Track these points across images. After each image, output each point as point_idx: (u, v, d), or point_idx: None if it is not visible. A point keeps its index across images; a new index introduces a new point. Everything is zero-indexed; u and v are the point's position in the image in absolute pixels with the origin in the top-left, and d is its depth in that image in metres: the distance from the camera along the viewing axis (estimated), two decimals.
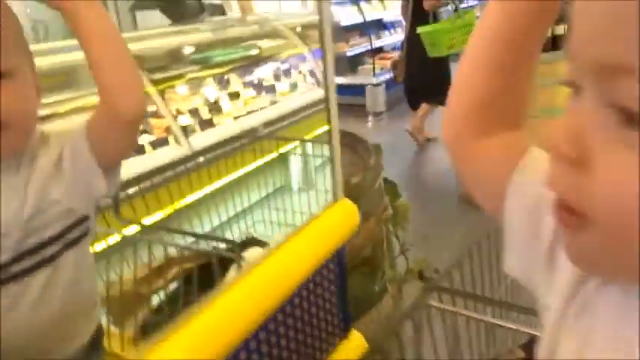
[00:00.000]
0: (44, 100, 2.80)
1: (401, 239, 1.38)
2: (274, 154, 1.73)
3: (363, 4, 6.35)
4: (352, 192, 1.39)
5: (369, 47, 6.26)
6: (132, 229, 1.35)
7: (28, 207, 0.65)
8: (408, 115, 6.18)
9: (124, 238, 1.24)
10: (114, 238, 1.26)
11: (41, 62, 2.73)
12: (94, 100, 2.62)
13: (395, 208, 1.47)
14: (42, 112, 2.70)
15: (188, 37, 3.43)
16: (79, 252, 0.72)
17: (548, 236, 0.42)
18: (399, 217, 1.45)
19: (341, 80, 5.94)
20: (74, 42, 2.65)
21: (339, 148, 0.82)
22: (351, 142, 1.66)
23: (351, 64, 6.15)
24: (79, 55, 2.58)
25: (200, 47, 3.61)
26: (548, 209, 0.37)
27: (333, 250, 0.79)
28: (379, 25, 7.11)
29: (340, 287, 0.84)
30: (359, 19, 6.19)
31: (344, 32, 6.13)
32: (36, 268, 0.67)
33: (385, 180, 1.55)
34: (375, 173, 1.42)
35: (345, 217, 0.85)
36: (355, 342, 0.79)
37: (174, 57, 3.58)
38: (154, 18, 4.09)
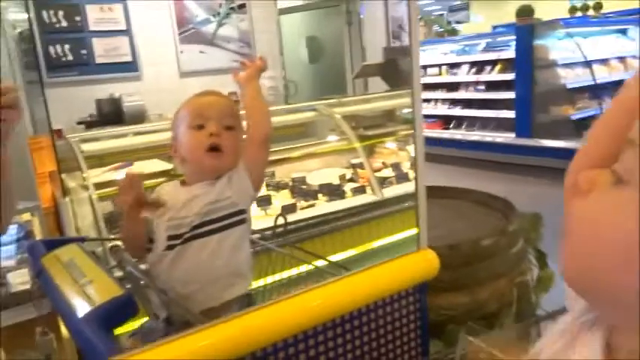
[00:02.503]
0: (288, 146, 3.59)
1: (537, 308, 1.47)
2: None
3: (596, 66, 5.95)
4: (480, 251, 1.54)
5: (599, 111, 5.80)
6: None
7: (213, 196, 1.16)
8: None
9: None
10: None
11: (287, 118, 3.50)
12: (324, 147, 3.26)
13: (540, 277, 1.56)
14: (280, 156, 3.46)
15: (402, 100, 3.88)
16: (238, 231, 1.18)
17: None
18: (541, 286, 1.53)
19: (561, 144, 5.65)
20: (315, 102, 3.35)
21: (425, 202, 1.03)
22: (483, 199, 1.76)
23: (576, 128, 5.80)
24: (311, 114, 3.26)
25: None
26: None
27: (409, 283, 1.02)
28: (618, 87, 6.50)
29: (421, 317, 1.05)
30: (589, 81, 5.81)
31: (571, 94, 5.85)
32: (212, 233, 1.14)
33: (536, 248, 1.63)
34: (515, 238, 1.51)
35: (424, 262, 1.06)
36: None
37: (389, 117, 4.07)
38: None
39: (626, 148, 0.41)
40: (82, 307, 0.84)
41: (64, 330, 1.42)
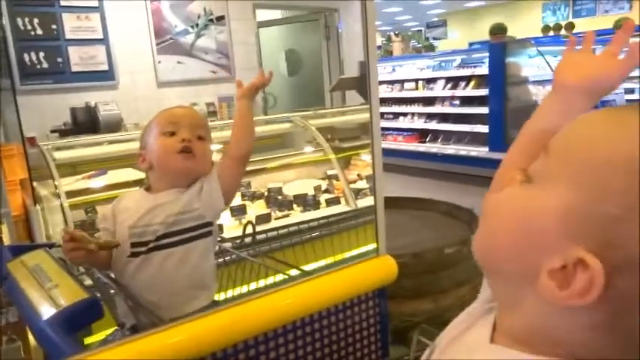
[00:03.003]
0: (264, 156, 3.63)
1: None
2: None
3: None
4: (443, 260, 1.59)
5: None
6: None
7: (178, 207, 1.17)
8: None
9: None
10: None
11: (264, 129, 3.54)
12: (301, 158, 3.30)
13: None
14: (257, 167, 3.48)
15: None
16: (203, 243, 1.19)
17: None
18: None
19: None
20: (291, 114, 3.42)
21: (383, 209, 1.08)
22: (449, 210, 1.82)
23: None
24: (287, 126, 3.32)
25: None
26: None
27: (369, 288, 1.07)
28: None
29: (380, 321, 1.09)
30: None
31: None
32: (177, 244, 1.15)
33: None
34: None
35: (383, 268, 1.10)
36: None
37: (364, 129, 4.15)
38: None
39: (541, 152, 0.48)
40: (46, 311, 0.85)
41: (31, 337, 1.41)
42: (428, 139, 7.14)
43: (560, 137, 0.46)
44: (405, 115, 7.44)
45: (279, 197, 3.06)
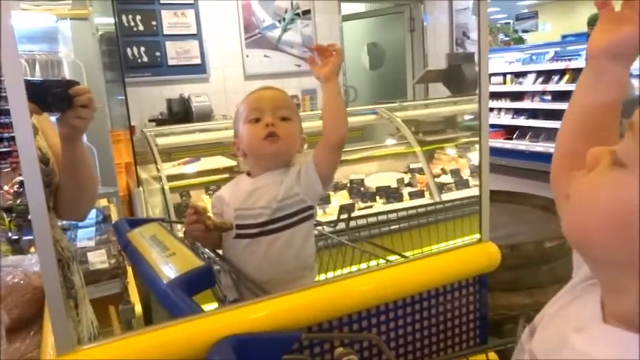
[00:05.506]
0: (346, 148, 3.65)
1: None
2: None
3: None
4: (541, 253, 1.53)
5: None
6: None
7: (280, 194, 1.20)
8: None
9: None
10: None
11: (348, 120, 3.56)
12: (383, 150, 3.28)
13: None
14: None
15: (464, 107, 3.85)
16: (305, 227, 1.22)
17: None
18: None
19: None
20: (376, 106, 3.39)
21: (487, 192, 1.04)
22: (547, 205, 1.73)
23: None
24: (371, 117, 3.29)
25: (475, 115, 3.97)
26: None
27: (470, 273, 1.06)
28: None
29: (480, 308, 1.07)
30: None
31: None
32: (282, 229, 1.19)
33: None
34: None
35: (485, 254, 1.07)
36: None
37: (449, 123, 4.05)
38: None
39: (626, 131, 0.45)
40: (166, 275, 0.92)
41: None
42: (515, 135, 6.85)
43: None
44: (491, 110, 7.18)
45: (362, 189, 3.08)
